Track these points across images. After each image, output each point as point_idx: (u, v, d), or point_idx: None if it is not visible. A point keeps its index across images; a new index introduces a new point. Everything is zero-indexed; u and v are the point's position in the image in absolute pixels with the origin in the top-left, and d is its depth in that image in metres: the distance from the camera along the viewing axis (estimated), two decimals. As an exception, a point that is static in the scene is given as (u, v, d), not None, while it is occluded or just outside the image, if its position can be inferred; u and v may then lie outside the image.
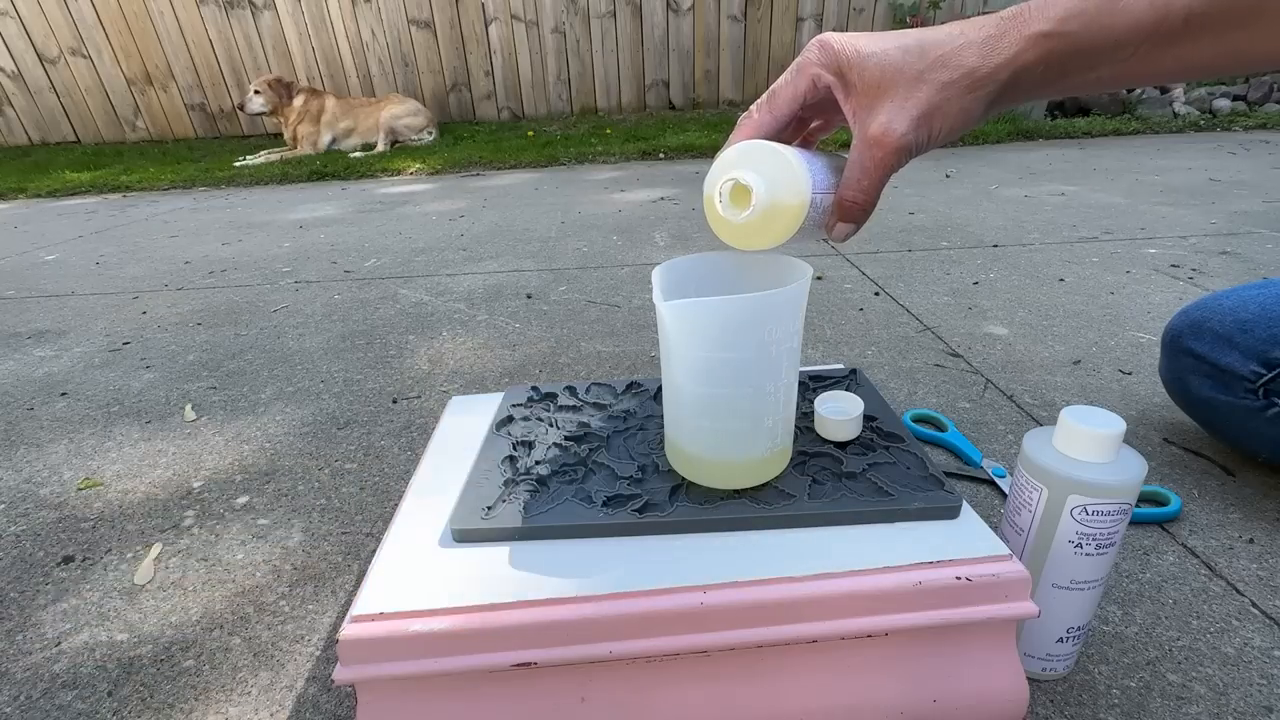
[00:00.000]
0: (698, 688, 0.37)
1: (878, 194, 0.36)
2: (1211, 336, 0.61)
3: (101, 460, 0.77)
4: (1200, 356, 0.61)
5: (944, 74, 0.32)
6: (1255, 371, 0.57)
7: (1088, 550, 0.40)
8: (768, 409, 0.39)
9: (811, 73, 0.35)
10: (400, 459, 0.74)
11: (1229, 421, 0.61)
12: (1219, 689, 0.43)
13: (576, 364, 0.94)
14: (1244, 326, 0.59)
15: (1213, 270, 1.18)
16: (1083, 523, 0.39)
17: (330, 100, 3.32)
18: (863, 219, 0.36)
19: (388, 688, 0.36)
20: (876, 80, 0.33)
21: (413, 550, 0.40)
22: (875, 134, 0.33)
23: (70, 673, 0.49)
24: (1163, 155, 2.29)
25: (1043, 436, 0.41)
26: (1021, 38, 0.31)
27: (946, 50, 0.32)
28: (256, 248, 1.71)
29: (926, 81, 0.32)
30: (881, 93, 0.33)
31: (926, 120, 0.33)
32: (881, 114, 0.33)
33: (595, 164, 2.75)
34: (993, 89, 0.33)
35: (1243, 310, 0.60)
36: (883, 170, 0.34)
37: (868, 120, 0.34)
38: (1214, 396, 0.61)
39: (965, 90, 0.33)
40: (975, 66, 0.32)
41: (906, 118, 0.33)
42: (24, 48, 3.69)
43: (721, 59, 3.82)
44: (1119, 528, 0.39)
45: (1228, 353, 0.59)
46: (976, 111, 0.34)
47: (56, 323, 1.23)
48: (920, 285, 1.19)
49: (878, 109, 0.33)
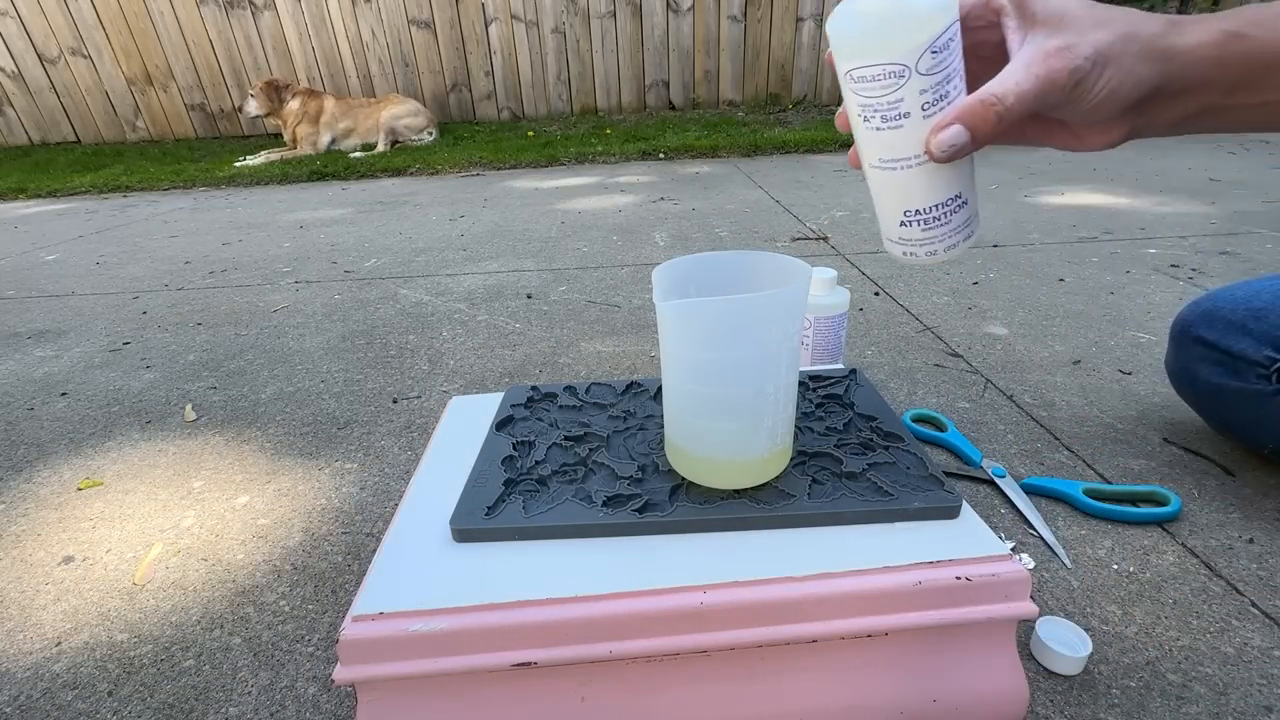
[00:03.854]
0: (698, 688, 0.37)
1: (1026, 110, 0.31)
2: (1223, 324, 0.61)
3: (101, 460, 0.77)
4: (1211, 344, 0.62)
5: (1128, 26, 0.31)
6: (1269, 356, 0.57)
7: (876, 125, 0.34)
8: (768, 409, 0.39)
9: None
10: (400, 459, 0.74)
11: (1237, 409, 0.61)
12: (1219, 689, 0.43)
13: (576, 364, 0.94)
14: (1257, 314, 0.59)
15: (1212, 270, 1.18)
16: (857, 93, 0.34)
17: (329, 101, 3.32)
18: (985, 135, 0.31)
19: (388, 688, 0.36)
20: (1059, 14, 0.31)
21: (413, 550, 0.40)
22: (1057, 44, 0.30)
23: (70, 673, 0.49)
24: (1163, 155, 2.29)
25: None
26: (1207, 29, 0.31)
27: (1133, 14, 0.31)
28: (256, 248, 1.71)
29: (1112, 27, 0.31)
30: (1064, 24, 0.31)
31: (1104, 61, 0.30)
32: (1063, 35, 0.31)
33: (595, 164, 2.75)
34: (1168, 67, 0.31)
35: (1255, 299, 0.60)
36: (1049, 83, 0.30)
37: (1046, 39, 0.31)
38: (1224, 384, 0.61)
39: (1144, 53, 0.31)
40: (1157, 33, 0.31)
41: (1089, 44, 0.30)
42: (24, 48, 3.68)
43: (721, 59, 3.82)
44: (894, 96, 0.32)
45: (1240, 339, 0.59)
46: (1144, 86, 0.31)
47: (56, 323, 1.23)
48: (920, 285, 1.19)
49: (1058, 33, 0.31)
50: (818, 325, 0.73)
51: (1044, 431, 0.72)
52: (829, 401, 0.52)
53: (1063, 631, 0.45)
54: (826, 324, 0.72)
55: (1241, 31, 0.30)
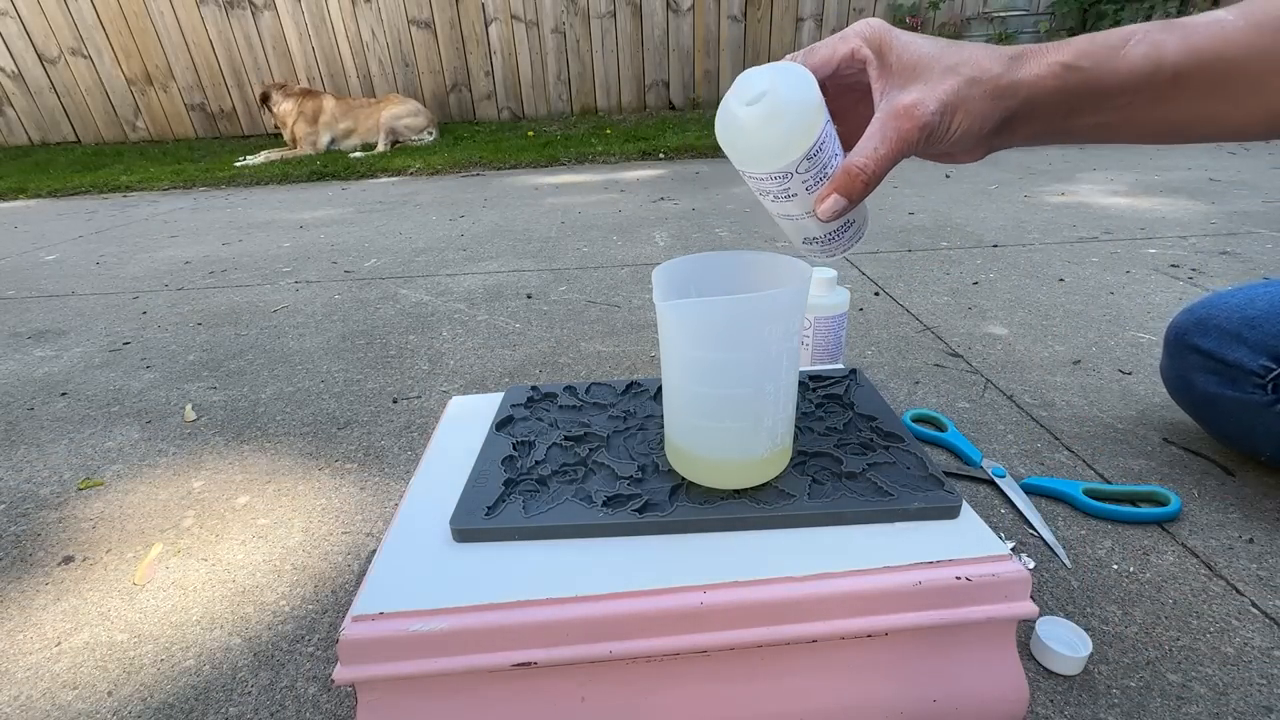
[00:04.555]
0: (698, 688, 0.37)
1: (887, 169, 0.36)
2: (1218, 333, 0.61)
3: (101, 460, 0.77)
4: (1207, 353, 0.61)
5: (974, 70, 0.34)
6: (1265, 366, 0.57)
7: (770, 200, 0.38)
8: (768, 409, 0.39)
9: (854, 44, 0.36)
10: (400, 459, 0.74)
11: (1233, 419, 0.61)
12: (1219, 689, 0.43)
13: (576, 364, 0.94)
14: (1252, 323, 0.59)
15: (1213, 270, 1.18)
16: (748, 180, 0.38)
17: (329, 101, 3.32)
18: (859, 196, 0.36)
19: (388, 688, 0.36)
20: (912, 64, 0.35)
21: (413, 550, 0.40)
22: (905, 104, 0.34)
23: (70, 673, 0.49)
24: (1163, 155, 2.29)
25: None
26: (1044, 64, 0.34)
27: (978, 55, 0.35)
28: (256, 248, 1.71)
29: (959, 74, 0.34)
30: (915, 75, 0.35)
31: (951, 110, 0.34)
32: (913, 91, 0.35)
33: (595, 164, 2.75)
34: (1011, 103, 0.35)
35: (1250, 307, 0.60)
36: (902, 143, 0.35)
37: (897, 95, 0.35)
38: (1220, 393, 0.61)
39: (988, 94, 0.34)
40: (1000, 74, 0.34)
41: (936, 99, 0.34)
42: (24, 48, 3.68)
43: (721, 59, 3.82)
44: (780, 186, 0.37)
45: (1236, 348, 0.59)
46: (991, 121, 0.35)
47: (56, 323, 1.23)
48: (920, 285, 1.19)
49: (909, 87, 0.35)
50: (818, 325, 0.73)
51: (1044, 431, 0.72)
52: (829, 401, 0.52)
53: (1063, 631, 0.45)
54: (826, 324, 0.72)
55: (1073, 64, 0.34)
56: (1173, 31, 0.34)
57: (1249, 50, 0.33)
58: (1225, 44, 0.33)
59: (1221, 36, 0.33)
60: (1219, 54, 0.33)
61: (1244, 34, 0.33)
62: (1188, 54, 0.33)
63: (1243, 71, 0.33)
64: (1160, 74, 0.33)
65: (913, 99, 0.34)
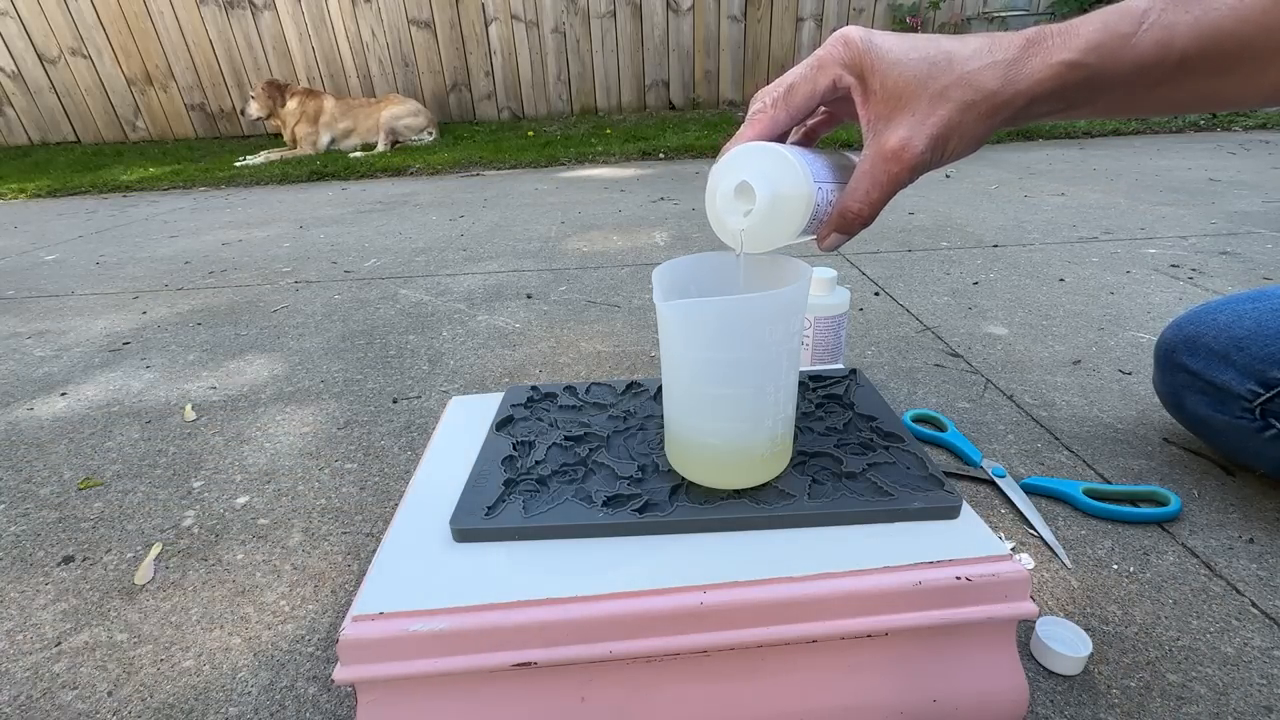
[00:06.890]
0: (698, 688, 0.37)
1: (880, 209, 0.35)
2: (1206, 353, 0.60)
3: (101, 460, 0.77)
4: (1195, 373, 0.60)
5: (966, 93, 0.32)
6: (1253, 390, 0.56)
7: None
8: (768, 409, 0.39)
9: (834, 73, 0.34)
10: (400, 459, 0.74)
11: (1226, 439, 0.61)
12: (1219, 689, 0.43)
13: (576, 364, 0.94)
14: (1239, 344, 0.57)
15: (1213, 270, 1.18)
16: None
17: (329, 101, 3.32)
18: (857, 231, 0.37)
19: (388, 688, 0.36)
20: (898, 91, 0.33)
21: (413, 550, 0.40)
22: (893, 147, 0.33)
23: (70, 673, 0.49)
24: (1162, 155, 2.29)
25: None
26: (1045, 65, 0.32)
27: (972, 69, 0.32)
28: (256, 248, 1.71)
29: (949, 100, 0.32)
30: (902, 105, 0.33)
31: (943, 140, 0.33)
32: (901, 128, 0.33)
33: (595, 164, 2.75)
34: (1008, 114, 0.33)
35: (1237, 326, 0.58)
36: (893, 186, 0.34)
37: (885, 132, 0.33)
38: (1211, 415, 0.60)
39: (984, 115, 0.33)
40: (996, 90, 0.32)
41: (925, 135, 0.33)
42: (24, 48, 3.68)
43: (721, 59, 3.82)
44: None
45: (1224, 370, 0.58)
46: (988, 134, 0.34)
47: (56, 323, 1.23)
48: (920, 285, 1.19)
49: (896, 121, 0.33)
50: (818, 325, 0.73)
51: (1044, 431, 0.72)
52: (829, 401, 0.52)
53: (1063, 631, 0.45)
54: (826, 324, 0.72)
55: (1079, 61, 0.32)
56: (1189, 9, 0.31)
57: (1258, 29, 0.31)
58: (1240, 22, 0.31)
59: (1237, 15, 0.31)
60: (1233, 33, 0.31)
61: (1263, 8, 0.30)
62: (1199, 36, 0.31)
63: (1252, 50, 0.31)
64: (1167, 60, 0.32)
65: (900, 140, 0.33)
